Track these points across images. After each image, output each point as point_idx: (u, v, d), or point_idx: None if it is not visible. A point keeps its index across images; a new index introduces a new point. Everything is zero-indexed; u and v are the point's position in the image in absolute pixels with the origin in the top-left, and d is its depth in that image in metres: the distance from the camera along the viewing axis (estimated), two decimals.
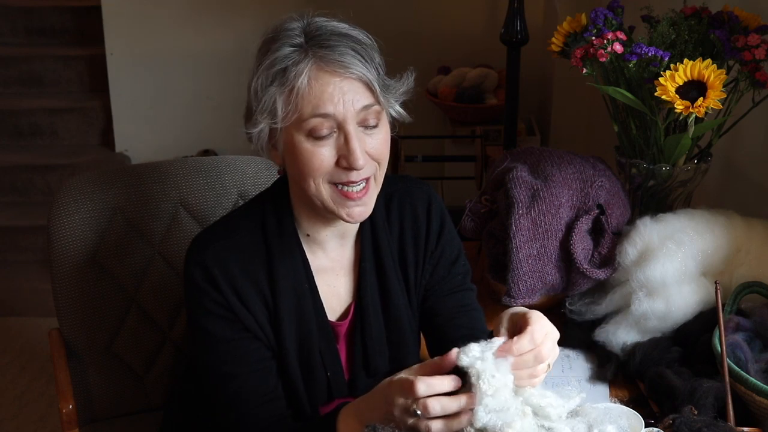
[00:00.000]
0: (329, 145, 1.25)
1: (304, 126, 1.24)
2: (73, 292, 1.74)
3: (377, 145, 1.28)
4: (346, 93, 1.23)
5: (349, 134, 1.24)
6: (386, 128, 1.31)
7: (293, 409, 1.39)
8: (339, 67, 1.23)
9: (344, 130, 1.24)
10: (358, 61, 1.24)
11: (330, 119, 1.23)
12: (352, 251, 1.42)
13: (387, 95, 1.28)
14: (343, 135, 1.25)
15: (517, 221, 1.68)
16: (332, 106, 1.23)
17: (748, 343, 1.46)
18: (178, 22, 3.92)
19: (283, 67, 1.23)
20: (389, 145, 1.32)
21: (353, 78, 1.23)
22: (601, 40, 1.70)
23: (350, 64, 1.23)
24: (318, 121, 1.23)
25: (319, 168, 1.25)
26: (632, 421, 1.27)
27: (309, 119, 1.23)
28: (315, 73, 1.23)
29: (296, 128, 1.25)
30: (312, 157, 1.25)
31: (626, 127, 1.82)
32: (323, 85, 1.23)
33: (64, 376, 1.75)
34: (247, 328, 1.33)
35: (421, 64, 3.59)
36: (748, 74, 1.68)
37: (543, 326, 1.15)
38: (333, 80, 1.23)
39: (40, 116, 4.02)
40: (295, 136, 1.25)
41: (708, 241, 1.64)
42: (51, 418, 2.93)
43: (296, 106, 1.23)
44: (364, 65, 1.24)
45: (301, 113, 1.23)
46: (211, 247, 1.33)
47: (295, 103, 1.23)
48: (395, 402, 1.11)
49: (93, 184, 1.75)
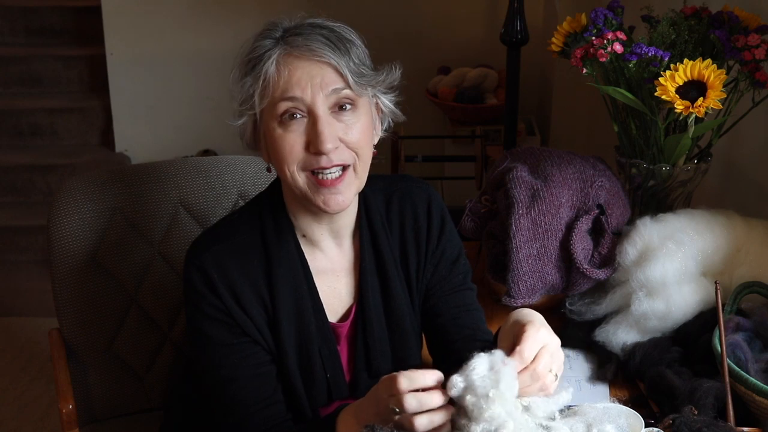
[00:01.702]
0: (298, 130, 1.26)
1: (275, 112, 1.26)
2: (73, 292, 1.74)
3: (354, 133, 1.28)
4: (315, 77, 1.25)
5: (317, 117, 1.25)
6: (366, 118, 1.31)
7: (293, 411, 1.39)
8: (307, 51, 1.25)
9: (313, 113, 1.26)
10: (327, 47, 1.25)
11: (298, 102, 1.25)
12: (352, 252, 1.42)
13: (363, 82, 1.28)
14: (311, 119, 1.26)
15: (517, 221, 1.68)
16: (300, 90, 1.25)
17: (748, 343, 1.46)
18: (178, 22, 3.92)
19: (256, 55, 1.27)
20: (368, 135, 1.32)
21: (322, 62, 1.25)
22: (601, 40, 1.70)
23: (318, 48, 1.25)
24: (287, 105, 1.25)
25: (290, 153, 1.27)
26: (632, 421, 1.26)
27: (279, 103, 1.26)
28: (284, 58, 1.25)
29: (270, 116, 1.27)
30: (282, 142, 1.27)
31: (626, 127, 1.82)
32: (292, 70, 1.25)
33: (64, 376, 1.75)
34: (246, 333, 1.33)
35: (421, 64, 3.59)
36: (748, 74, 1.68)
37: (537, 341, 1.13)
38: (301, 64, 1.25)
39: (40, 116, 4.02)
40: (269, 125, 1.28)
41: (708, 241, 1.64)
42: (51, 418, 2.93)
43: (266, 92, 1.26)
44: (334, 51, 1.25)
45: (273, 98, 1.26)
46: (210, 251, 1.33)
47: (266, 88, 1.26)
48: (384, 400, 1.12)
49: (93, 184, 1.75)
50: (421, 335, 1.50)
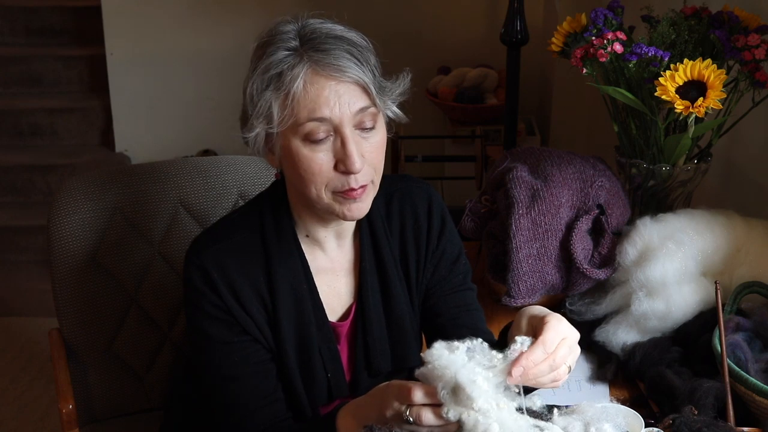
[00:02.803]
0: (326, 149, 1.25)
1: (300, 130, 1.24)
2: (73, 292, 1.74)
3: (373, 149, 1.28)
4: (342, 96, 1.23)
5: (346, 137, 1.24)
6: (383, 131, 1.31)
7: (293, 410, 1.39)
8: (335, 71, 1.22)
9: (341, 133, 1.24)
10: (354, 64, 1.23)
11: (326, 123, 1.23)
12: (352, 251, 1.42)
13: (383, 97, 1.28)
14: (339, 139, 1.24)
15: (517, 221, 1.68)
16: (328, 109, 1.23)
17: (748, 343, 1.46)
18: (178, 23, 3.92)
19: (279, 71, 1.23)
20: (384, 148, 1.31)
21: (349, 81, 1.23)
22: (601, 40, 1.70)
23: (346, 67, 1.23)
24: (314, 125, 1.23)
25: (318, 173, 1.25)
26: (631, 421, 1.26)
27: (305, 123, 1.23)
28: (310, 77, 1.22)
29: (293, 133, 1.25)
30: (311, 162, 1.25)
31: (626, 127, 1.82)
32: (319, 89, 1.22)
33: (64, 376, 1.75)
34: (246, 331, 1.33)
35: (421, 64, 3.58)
36: (748, 74, 1.68)
37: (559, 332, 1.12)
38: (329, 84, 1.23)
39: (40, 116, 4.02)
40: (292, 141, 1.25)
41: (708, 241, 1.64)
42: (51, 418, 2.93)
43: (292, 111, 1.23)
44: (360, 68, 1.24)
45: (297, 117, 1.23)
46: (210, 250, 1.33)
47: (291, 107, 1.23)
48: (391, 405, 1.11)
49: (93, 184, 1.75)
50: (421, 335, 1.50)
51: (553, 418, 1.17)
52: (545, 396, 1.13)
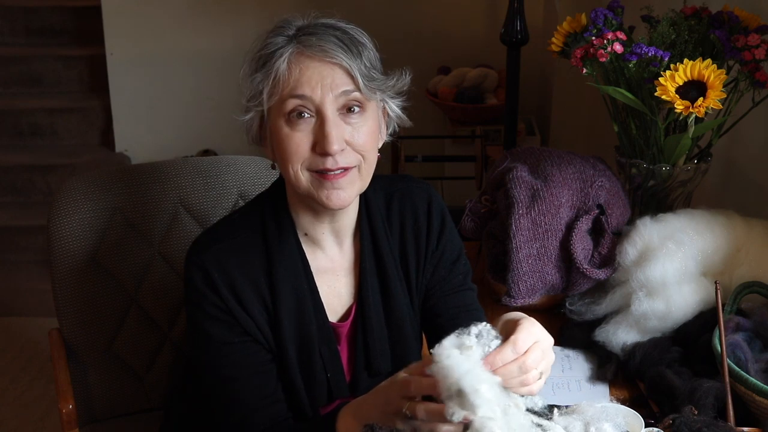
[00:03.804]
0: (305, 129, 1.26)
1: (283, 108, 1.26)
2: (73, 292, 1.74)
3: (361, 136, 1.28)
4: (326, 78, 1.25)
5: (326, 118, 1.25)
6: (373, 121, 1.31)
7: (294, 410, 1.39)
8: (319, 51, 1.25)
9: (321, 114, 1.26)
10: (340, 48, 1.25)
11: (307, 101, 1.25)
12: (352, 252, 1.42)
13: (372, 86, 1.28)
14: (320, 120, 1.26)
15: (517, 221, 1.68)
16: (309, 88, 1.25)
17: (748, 343, 1.46)
18: (178, 22, 3.93)
19: (268, 52, 1.27)
20: (375, 138, 1.32)
21: (333, 63, 1.25)
22: (601, 40, 1.70)
23: (331, 50, 1.25)
24: (295, 102, 1.25)
25: (295, 152, 1.27)
26: (631, 420, 1.27)
27: (287, 100, 1.25)
28: (296, 57, 1.26)
29: (277, 113, 1.27)
30: (289, 140, 1.27)
31: (626, 127, 1.82)
32: (303, 69, 1.25)
33: (64, 376, 1.75)
34: (247, 331, 1.33)
35: (421, 64, 3.58)
36: (748, 74, 1.68)
37: (531, 334, 1.10)
38: (312, 64, 1.25)
39: (40, 116, 4.02)
40: (276, 122, 1.28)
41: (708, 241, 1.64)
42: (51, 418, 2.93)
43: (276, 89, 1.26)
44: (346, 53, 1.25)
45: (282, 95, 1.26)
46: (211, 250, 1.33)
47: (276, 86, 1.26)
48: (395, 400, 1.11)
49: (93, 184, 1.75)
50: (421, 335, 1.50)
51: (554, 418, 1.17)
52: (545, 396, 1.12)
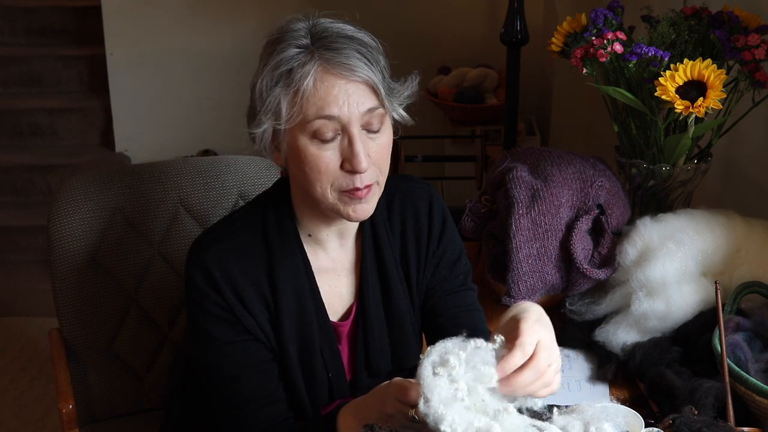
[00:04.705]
0: (333, 148, 1.25)
1: (308, 128, 1.24)
2: (73, 292, 1.74)
3: (379, 149, 1.28)
4: (351, 95, 1.23)
5: (353, 137, 1.24)
6: (389, 132, 1.30)
7: (294, 410, 1.39)
8: (345, 70, 1.23)
9: (348, 132, 1.24)
10: (364, 64, 1.23)
11: (334, 121, 1.23)
12: (353, 251, 1.42)
13: (391, 98, 1.28)
14: (347, 138, 1.24)
15: (517, 221, 1.68)
16: (337, 108, 1.23)
17: (748, 343, 1.46)
18: (178, 22, 3.93)
19: (289, 68, 1.23)
20: (390, 150, 1.32)
21: (358, 81, 1.23)
22: (601, 40, 1.70)
23: (356, 66, 1.23)
24: (322, 123, 1.23)
25: (325, 172, 1.25)
26: (631, 420, 1.26)
27: (313, 121, 1.23)
28: (321, 75, 1.23)
29: (300, 130, 1.25)
30: (317, 160, 1.25)
31: (626, 127, 1.82)
32: (328, 87, 1.23)
33: (64, 376, 1.75)
34: (248, 330, 1.33)
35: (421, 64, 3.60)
36: (748, 74, 1.68)
37: (534, 333, 1.09)
38: (338, 82, 1.23)
39: (40, 116, 4.03)
40: (300, 139, 1.25)
41: (708, 241, 1.64)
42: (51, 418, 2.93)
43: (301, 108, 1.23)
44: (370, 68, 1.24)
45: (306, 115, 1.23)
46: (212, 249, 1.33)
47: (300, 104, 1.23)
48: (393, 404, 1.12)
49: (93, 184, 1.75)
50: (422, 335, 1.50)
51: (553, 418, 1.17)
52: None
